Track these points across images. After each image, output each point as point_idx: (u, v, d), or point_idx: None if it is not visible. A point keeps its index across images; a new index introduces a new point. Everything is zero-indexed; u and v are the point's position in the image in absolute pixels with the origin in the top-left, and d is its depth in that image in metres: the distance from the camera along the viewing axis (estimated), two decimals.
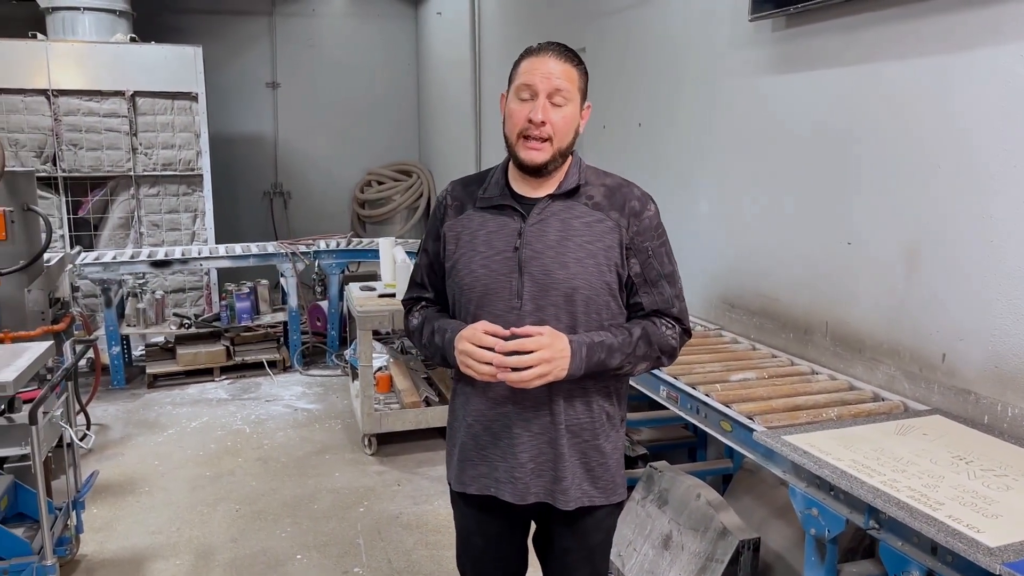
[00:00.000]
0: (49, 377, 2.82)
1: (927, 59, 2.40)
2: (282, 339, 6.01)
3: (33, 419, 2.49)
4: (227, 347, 5.68)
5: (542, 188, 1.72)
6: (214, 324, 5.75)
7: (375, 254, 5.37)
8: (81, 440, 3.12)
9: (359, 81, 8.65)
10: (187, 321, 5.68)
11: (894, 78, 2.52)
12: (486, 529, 1.86)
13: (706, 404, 2.52)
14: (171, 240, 6.40)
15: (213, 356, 5.62)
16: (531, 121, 1.62)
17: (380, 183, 8.68)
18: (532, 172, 1.68)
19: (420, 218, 8.41)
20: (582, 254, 1.67)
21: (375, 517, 3.59)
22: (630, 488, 2.94)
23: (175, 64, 6.27)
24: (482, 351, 1.59)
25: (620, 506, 1.86)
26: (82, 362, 5.11)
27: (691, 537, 2.64)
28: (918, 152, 2.44)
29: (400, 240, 6.24)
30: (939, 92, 2.36)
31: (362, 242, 6.34)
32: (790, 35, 2.99)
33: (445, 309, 1.84)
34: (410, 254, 4.62)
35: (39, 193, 5.10)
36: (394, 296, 4.36)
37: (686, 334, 1.79)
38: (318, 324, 6.31)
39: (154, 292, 5.82)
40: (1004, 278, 2.19)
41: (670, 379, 2.71)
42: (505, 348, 1.57)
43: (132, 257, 5.53)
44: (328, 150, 8.66)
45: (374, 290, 4.61)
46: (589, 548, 1.82)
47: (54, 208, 6.03)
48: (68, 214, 6.11)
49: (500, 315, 1.67)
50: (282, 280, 5.89)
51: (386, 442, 4.37)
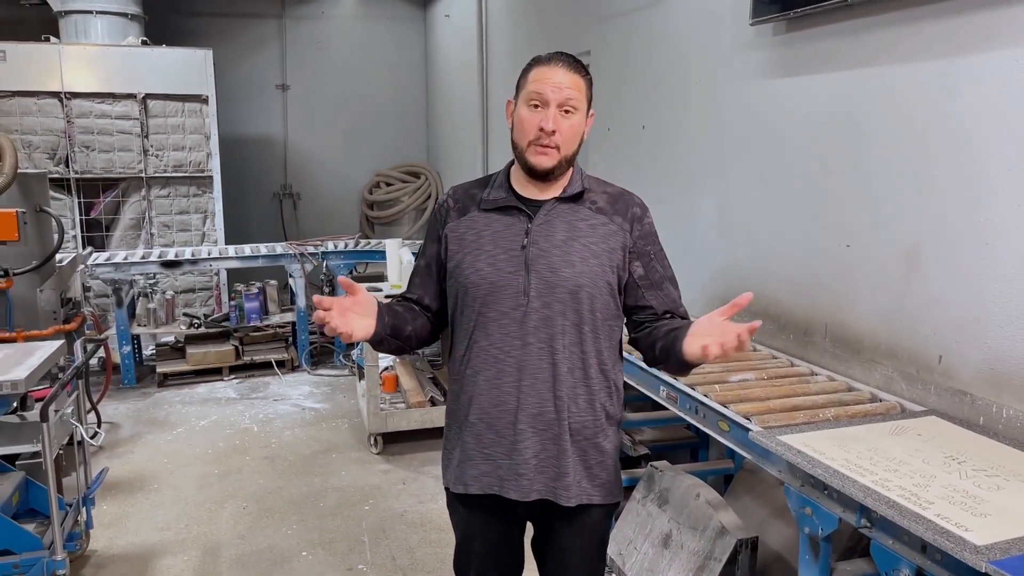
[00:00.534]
0: (60, 376, 2.85)
1: (926, 63, 2.41)
2: (290, 339, 6.06)
3: (44, 417, 2.54)
4: (236, 347, 5.74)
5: (546, 192, 1.77)
6: (223, 324, 5.81)
7: (382, 255, 5.40)
8: (92, 438, 3.16)
9: (368, 83, 8.69)
10: (197, 321, 5.73)
11: (893, 82, 2.54)
12: (486, 532, 1.87)
13: (704, 404, 2.54)
14: (181, 241, 6.47)
15: (222, 356, 5.67)
16: (543, 130, 1.67)
17: (388, 184, 8.73)
18: (539, 177, 1.73)
19: (428, 219, 8.46)
20: (587, 254, 1.72)
21: (380, 515, 3.63)
22: (630, 488, 2.97)
23: (186, 67, 6.34)
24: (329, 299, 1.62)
25: (616, 507, 1.89)
26: (93, 361, 5.18)
27: (690, 536, 2.66)
28: (918, 155, 2.46)
29: (408, 241, 6.26)
30: (938, 96, 2.38)
31: (369, 243, 6.38)
32: (791, 39, 3.01)
33: (435, 313, 1.88)
34: (416, 255, 4.65)
35: (52, 194, 5.19)
36: None
37: None
38: None
39: (164, 292, 5.88)
40: (1000, 280, 2.20)
41: (670, 379, 2.74)
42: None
43: (143, 258, 5.59)
44: (337, 152, 8.71)
45: (380, 291, 4.65)
46: (587, 547, 1.85)
47: (66, 209, 6.10)
48: (80, 215, 6.19)
49: (507, 312, 1.71)
50: (290, 280, 5.95)
51: (392, 441, 4.42)
